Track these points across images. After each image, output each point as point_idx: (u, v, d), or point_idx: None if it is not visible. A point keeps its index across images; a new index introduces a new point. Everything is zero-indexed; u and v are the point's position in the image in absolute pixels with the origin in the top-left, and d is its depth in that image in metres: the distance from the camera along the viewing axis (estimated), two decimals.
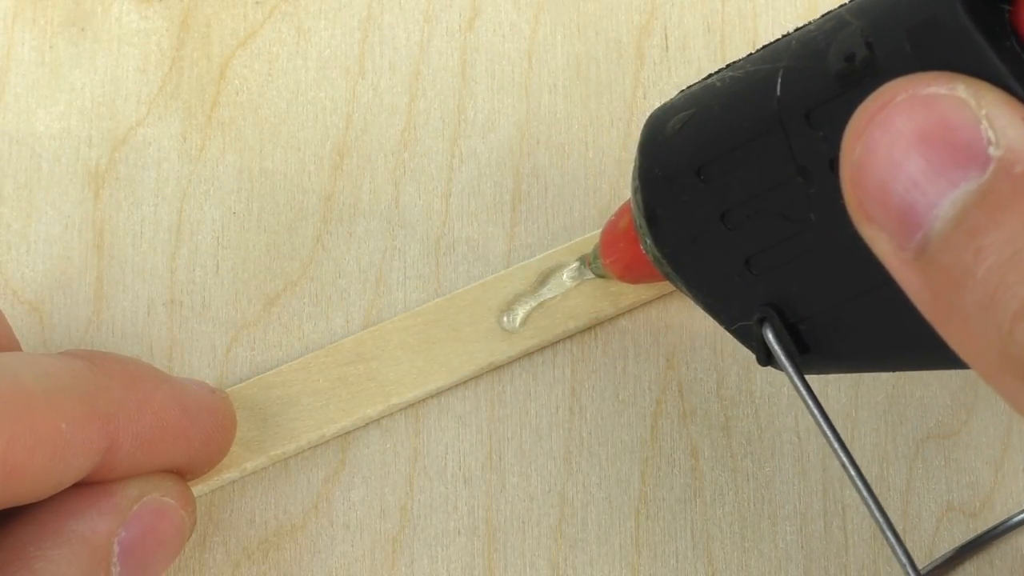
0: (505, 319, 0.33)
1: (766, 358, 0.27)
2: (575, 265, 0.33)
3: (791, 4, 0.35)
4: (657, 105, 0.34)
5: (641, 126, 0.34)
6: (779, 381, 0.33)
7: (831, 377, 0.33)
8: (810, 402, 0.27)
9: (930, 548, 0.32)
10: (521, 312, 0.33)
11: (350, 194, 0.34)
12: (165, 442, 0.28)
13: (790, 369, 0.27)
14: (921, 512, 0.32)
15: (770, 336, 0.26)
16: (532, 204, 0.34)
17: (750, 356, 0.33)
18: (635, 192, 0.28)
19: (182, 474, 0.29)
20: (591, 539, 0.32)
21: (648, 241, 0.28)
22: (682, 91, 0.28)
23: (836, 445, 0.27)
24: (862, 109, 0.21)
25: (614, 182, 0.34)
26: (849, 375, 0.33)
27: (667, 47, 0.35)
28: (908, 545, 0.32)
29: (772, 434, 0.33)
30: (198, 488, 0.31)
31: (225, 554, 0.32)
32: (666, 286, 0.33)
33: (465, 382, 0.33)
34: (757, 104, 0.24)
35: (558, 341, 0.33)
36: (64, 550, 0.26)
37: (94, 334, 0.33)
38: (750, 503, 0.32)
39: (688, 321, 0.33)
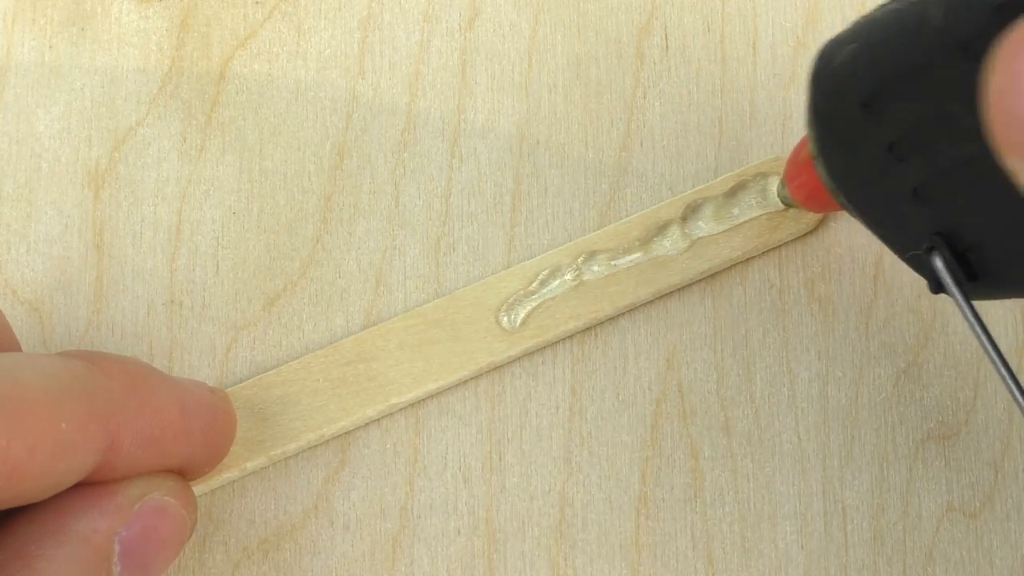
0: (505, 319, 0.33)
1: (936, 286, 0.27)
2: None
3: (791, 4, 0.35)
4: (657, 105, 0.35)
5: (641, 126, 0.35)
6: (779, 381, 0.33)
7: (831, 378, 0.33)
8: (978, 329, 0.27)
9: (930, 548, 0.32)
10: (521, 312, 0.33)
11: (350, 194, 0.34)
12: (165, 441, 0.28)
13: (959, 297, 0.27)
14: (921, 512, 0.32)
15: (939, 265, 0.27)
16: (532, 204, 0.34)
17: (750, 356, 0.33)
18: (808, 124, 0.28)
19: (183, 474, 0.29)
20: (591, 539, 0.32)
21: (822, 172, 0.28)
22: (854, 22, 0.28)
23: (1004, 371, 0.27)
24: (1006, 37, 0.21)
25: (614, 182, 0.34)
26: (850, 375, 0.33)
27: (667, 47, 0.35)
28: (907, 545, 0.32)
29: (772, 434, 0.33)
30: (199, 488, 0.31)
31: (225, 554, 0.32)
32: (665, 286, 0.33)
33: (465, 382, 0.33)
34: (917, 35, 0.24)
35: (558, 341, 0.33)
36: (65, 549, 0.26)
37: (94, 334, 0.33)
38: (750, 503, 0.32)
39: (688, 321, 0.33)
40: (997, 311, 0.33)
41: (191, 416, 0.28)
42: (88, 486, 0.27)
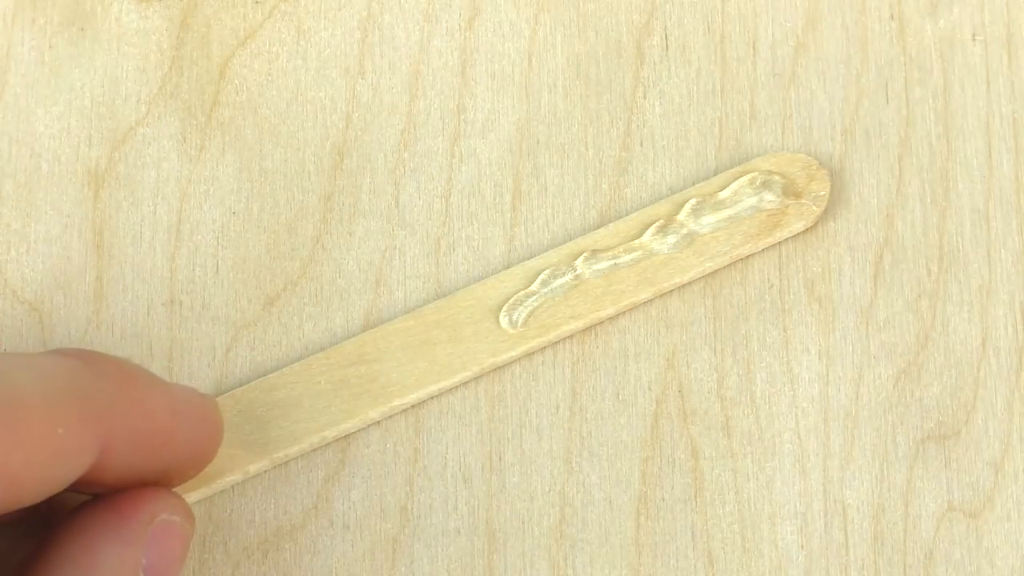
0: (505, 319, 0.33)
1: None
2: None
3: (791, 4, 0.35)
4: (657, 105, 0.35)
5: (641, 126, 0.35)
6: (779, 381, 0.33)
7: (831, 377, 0.33)
8: None
9: (930, 548, 0.32)
10: (521, 312, 0.33)
11: (350, 194, 0.34)
12: (155, 445, 0.27)
13: None
14: (921, 512, 0.32)
15: None
16: (532, 204, 0.34)
17: (750, 356, 0.33)
18: None
19: (168, 479, 0.29)
20: (591, 539, 0.32)
21: None
22: None
23: None
24: None
25: (614, 182, 0.34)
26: (850, 375, 0.33)
27: (667, 47, 0.35)
28: (907, 545, 0.32)
29: (772, 434, 0.33)
30: (201, 491, 0.31)
31: (225, 554, 0.32)
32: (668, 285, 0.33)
33: (465, 382, 0.33)
34: None
35: (558, 341, 0.33)
36: None
37: (94, 334, 0.33)
38: (750, 503, 0.32)
39: (688, 321, 0.33)
40: (997, 311, 0.33)
41: (180, 420, 0.28)
42: (100, 510, 0.27)
